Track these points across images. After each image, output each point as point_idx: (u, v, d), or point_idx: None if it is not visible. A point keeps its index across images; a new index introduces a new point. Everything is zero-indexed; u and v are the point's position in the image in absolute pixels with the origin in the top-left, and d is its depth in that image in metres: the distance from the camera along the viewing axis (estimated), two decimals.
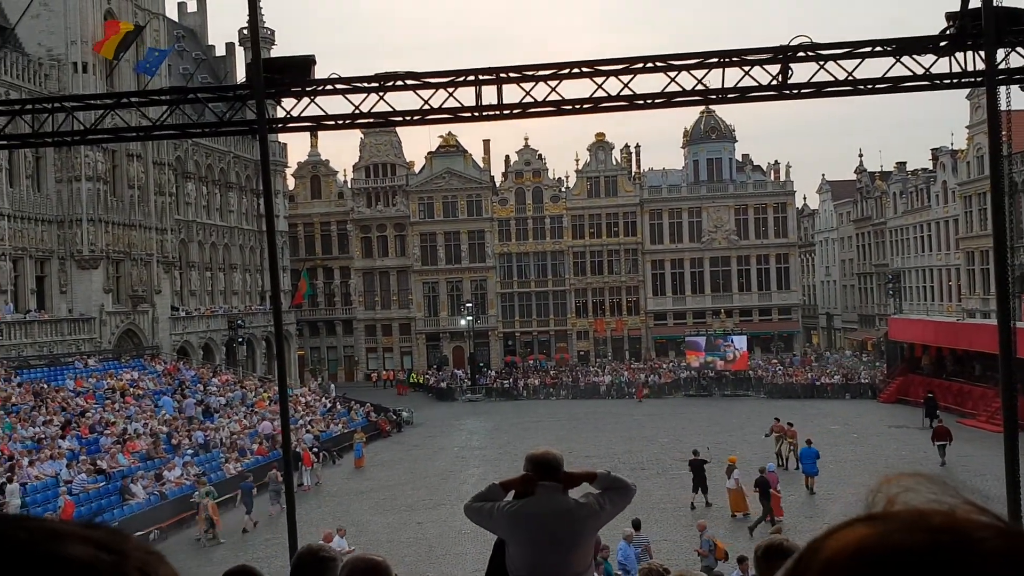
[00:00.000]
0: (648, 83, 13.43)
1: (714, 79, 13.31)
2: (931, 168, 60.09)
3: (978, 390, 40.26)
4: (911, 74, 13.09)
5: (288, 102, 13.04)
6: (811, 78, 13.27)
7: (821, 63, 13.14)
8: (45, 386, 33.72)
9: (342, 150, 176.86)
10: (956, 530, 0.70)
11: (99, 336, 43.41)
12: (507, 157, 70.53)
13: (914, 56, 13.05)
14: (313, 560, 3.73)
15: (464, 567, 20.67)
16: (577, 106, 13.17)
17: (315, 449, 33.95)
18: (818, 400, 49.96)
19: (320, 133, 66.31)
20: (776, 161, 69.03)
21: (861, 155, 70.90)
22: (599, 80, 13.13)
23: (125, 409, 33.77)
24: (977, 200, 50.16)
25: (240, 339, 53.09)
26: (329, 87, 12.41)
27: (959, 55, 12.85)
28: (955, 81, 13.17)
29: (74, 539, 0.62)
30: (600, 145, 68.33)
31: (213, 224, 55.91)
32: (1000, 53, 12.18)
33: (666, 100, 13.33)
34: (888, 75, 13.19)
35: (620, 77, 13.15)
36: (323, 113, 12.82)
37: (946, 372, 45.34)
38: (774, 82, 13.18)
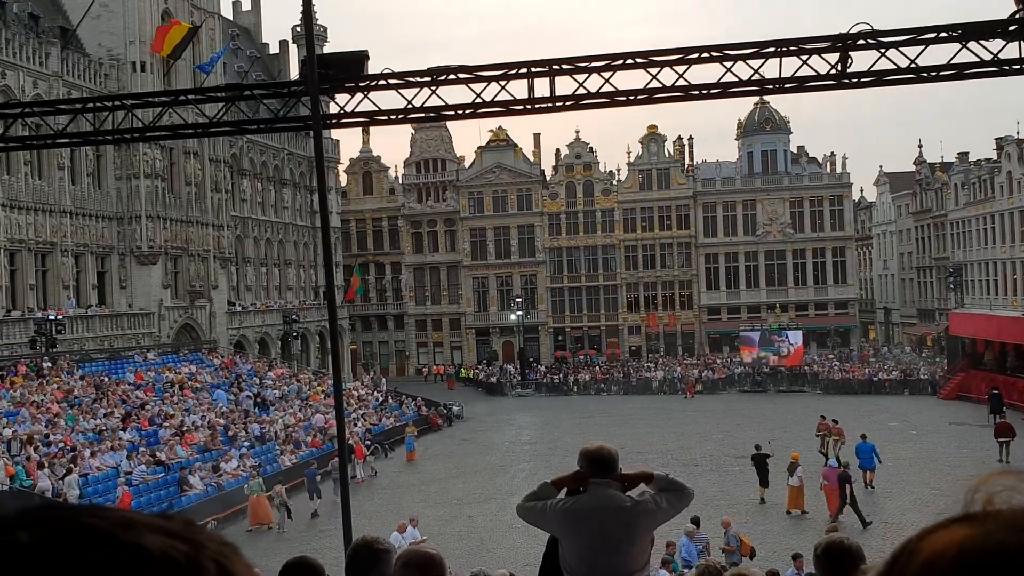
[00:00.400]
0: (703, 73, 13.26)
1: (771, 69, 13.06)
2: (995, 158, 58.35)
3: None
4: (978, 60, 12.67)
5: (341, 98, 13.10)
6: (871, 66, 12.93)
7: (882, 51, 12.79)
8: (106, 379, 34.55)
9: (393, 146, 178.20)
10: None
11: (158, 330, 44.34)
12: (557, 151, 70.36)
13: (981, 42, 12.63)
14: (368, 552, 3.71)
15: (515, 561, 20.63)
16: (631, 97, 13.00)
17: (368, 443, 34.26)
18: (876, 396, 48.96)
19: (372, 129, 66.91)
20: (832, 152, 67.84)
21: (921, 145, 68.91)
22: (653, 71, 12.94)
23: (183, 402, 34.45)
24: None
25: (295, 334, 53.80)
26: (382, 82, 12.43)
27: None
28: None
29: (151, 529, 0.63)
30: (652, 137, 67.70)
31: (268, 220, 56.71)
32: None
33: (722, 91, 13.11)
34: (953, 62, 12.79)
35: (675, 68, 12.95)
36: (376, 108, 12.86)
37: (1009, 368, 44.07)
38: (833, 71, 12.87)
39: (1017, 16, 12.12)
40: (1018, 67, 12.66)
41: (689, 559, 16.16)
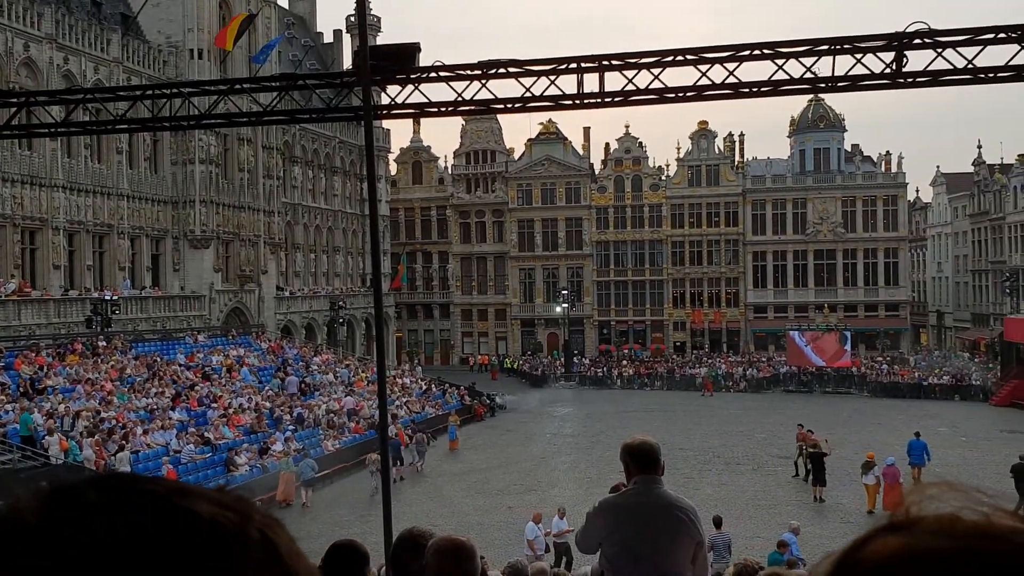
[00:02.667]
0: (754, 71, 13.14)
1: (824, 67, 12.91)
2: None
3: None
4: None
5: (392, 89, 13.26)
6: (927, 66, 12.73)
7: (939, 50, 12.58)
8: (158, 359, 35.36)
9: (443, 136, 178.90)
10: (990, 535, 0.68)
11: (208, 313, 45.23)
12: (606, 145, 70.16)
13: None
14: (413, 545, 3.76)
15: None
16: (680, 94, 12.96)
17: (409, 432, 34.60)
18: (925, 401, 48.10)
19: (422, 120, 67.34)
20: (888, 152, 66.63)
21: (980, 146, 67.68)
22: (703, 68, 12.89)
23: (231, 384, 35.11)
24: None
25: (341, 320, 54.44)
26: (432, 75, 12.57)
27: None
28: None
29: (204, 498, 0.71)
30: (703, 133, 67.13)
31: (318, 207, 57.42)
32: None
33: (772, 88, 13.00)
34: (1012, 63, 12.54)
35: (725, 65, 12.88)
36: (426, 100, 13.00)
37: None
38: (888, 70, 12.70)
39: None
40: None
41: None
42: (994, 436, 36.29)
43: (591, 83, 12.75)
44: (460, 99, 12.66)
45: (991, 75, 12.73)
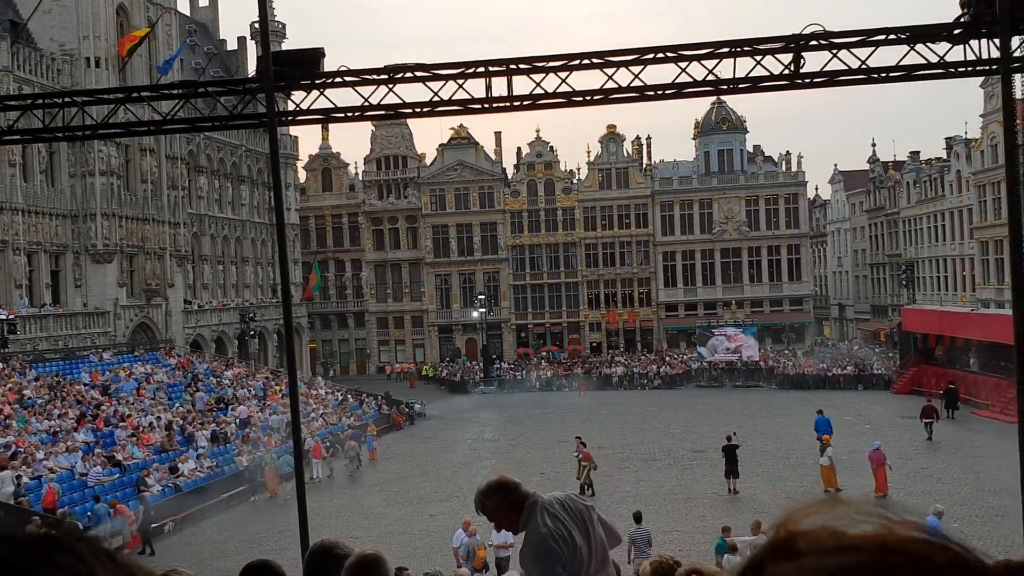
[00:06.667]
0: (659, 74, 13.41)
1: (725, 69, 13.23)
2: (945, 157, 59.62)
3: (991, 380, 40.01)
4: (925, 62, 12.97)
5: (298, 95, 13.04)
6: (824, 67, 13.16)
7: (834, 52, 13.03)
8: (60, 379, 33.95)
9: (353, 143, 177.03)
10: (890, 548, 0.68)
11: (113, 330, 43.67)
12: (519, 149, 70.57)
13: (928, 44, 12.93)
14: (327, 557, 3.69)
15: None
16: (587, 97, 13.11)
17: (328, 442, 34.11)
18: (830, 391, 49.77)
19: (331, 126, 66.50)
20: (788, 151, 68.79)
21: (874, 145, 70.52)
22: (609, 71, 13.06)
23: (140, 402, 33.98)
24: (992, 189, 49.77)
25: (252, 332, 53.28)
26: (338, 79, 12.40)
27: (974, 43, 12.73)
28: (970, 69, 13.05)
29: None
30: (611, 137, 68.16)
31: (225, 217, 56.10)
32: (1015, 41, 12.05)
33: (677, 91, 13.26)
34: (902, 63, 13.08)
35: (631, 68, 13.08)
36: (332, 105, 12.82)
37: (961, 363, 45.08)
38: (786, 71, 13.09)
39: (962, 20, 12.44)
40: (963, 69, 12.99)
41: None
42: (896, 422, 37.80)
43: (499, 87, 12.80)
44: (367, 104, 12.53)
45: (883, 75, 13.25)
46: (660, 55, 12.95)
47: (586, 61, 12.92)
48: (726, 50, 13.00)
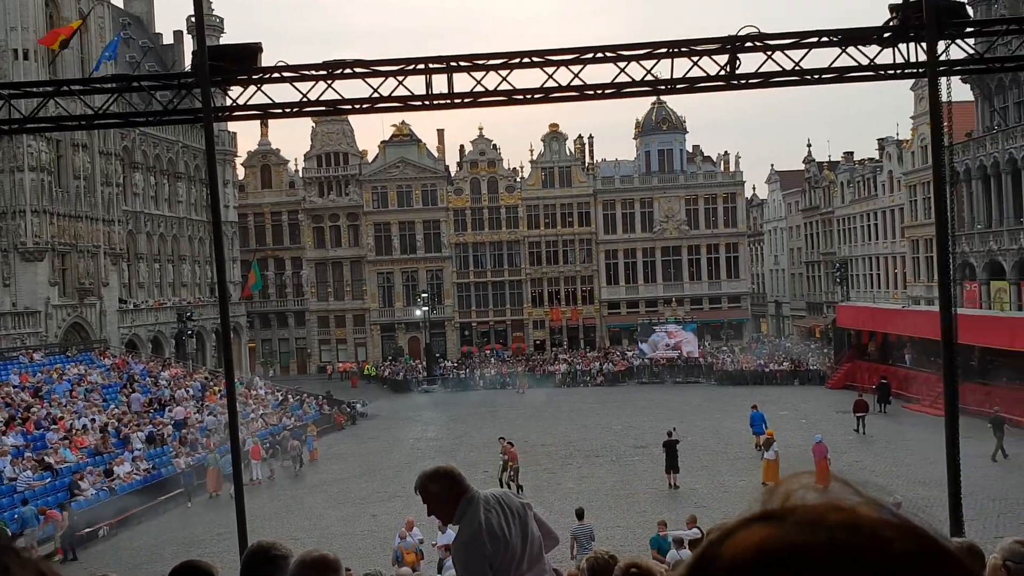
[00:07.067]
0: (599, 73, 13.52)
1: (664, 70, 13.41)
2: (878, 158, 61.18)
3: (922, 375, 41.19)
4: (856, 64, 13.30)
5: (235, 90, 12.84)
6: (759, 68, 13.41)
7: (768, 53, 13.28)
8: None
9: (293, 140, 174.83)
10: (856, 527, 0.69)
11: (45, 330, 42.46)
12: (461, 147, 70.41)
13: (859, 47, 13.26)
14: (264, 558, 3.64)
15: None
16: (528, 96, 13.15)
17: (267, 443, 33.67)
18: (767, 386, 50.70)
19: (271, 122, 65.48)
20: (726, 152, 69.89)
21: (809, 145, 72.08)
22: (550, 70, 13.13)
23: (72, 404, 33.10)
24: (921, 189, 51.20)
25: (189, 332, 52.30)
26: (276, 75, 12.24)
27: (902, 46, 13.10)
28: (898, 72, 13.41)
29: None
30: (554, 136, 68.48)
31: (162, 215, 54.94)
32: (941, 45, 12.43)
33: (616, 91, 13.39)
34: (834, 65, 13.39)
35: (571, 67, 13.16)
36: (270, 101, 12.66)
37: (892, 358, 46.31)
38: (722, 72, 13.30)
39: (891, 24, 12.79)
40: (892, 72, 13.36)
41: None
42: (830, 417, 38.68)
43: (440, 84, 12.78)
44: (306, 100, 12.39)
45: (816, 76, 13.55)
46: (599, 55, 13.06)
47: (526, 60, 12.97)
48: (664, 51, 13.17)
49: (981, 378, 36.26)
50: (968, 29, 13.30)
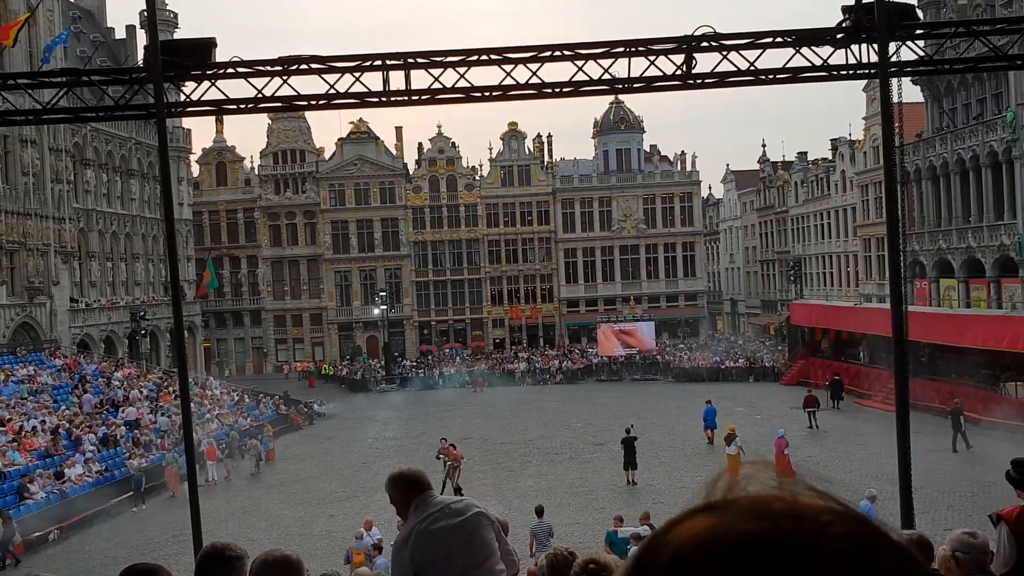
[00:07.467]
0: (557, 72, 13.56)
1: (621, 69, 13.48)
2: (831, 158, 62.12)
3: (874, 372, 41.94)
4: (810, 65, 13.49)
5: (189, 86, 12.64)
6: (714, 68, 13.55)
7: (724, 53, 13.43)
8: None
9: (249, 137, 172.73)
10: (799, 515, 0.70)
11: None
12: (420, 145, 70.05)
13: (813, 47, 13.46)
14: (219, 559, 3.60)
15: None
16: (486, 93, 13.14)
17: (223, 443, 33.25)
18: (723, 383, 51.26)
19: (226, 119, 64.85)
20: (683, 152, 70.48)
21: (764, 145, 72.77)
22: (508, 68, 13.12)
23: (22, 406, 32.37)
24: (873, 189, 52.09)
25: (143, 331, 51.40)
26: (231, 70, 12.07)
27: (855, 47, 13.32)
28: (851, 72, 13.64)
29: None
30: (513, 134, 68.51)
31: (114, 212, 53.90)
32: (892, 47, 12.66)
33: (574, 89, 13.43)
34: (788, 65, 13.57)
35: (529, 65, 13.17)
36: (224, 97, 12.48)
37: (844, 354, 47.10)
38: (679, 72, 13.42)
39: (844, 25, 12.99)
40: (845, 72, 13.58)
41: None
42: (784, 412, 39.21)
43: (397, 81, 12.70)
44: (261, 96, 12.24)
45: (771, 76, 13.73)
46: (557, 53, 13.10)
47: (484, 57, 12.95)
48: (621, 50, 13.24)
49: (931, 374, 37.08)
50: (918, 31, 13.58)
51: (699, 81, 13.45)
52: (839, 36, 13.09)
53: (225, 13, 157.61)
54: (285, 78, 12.26)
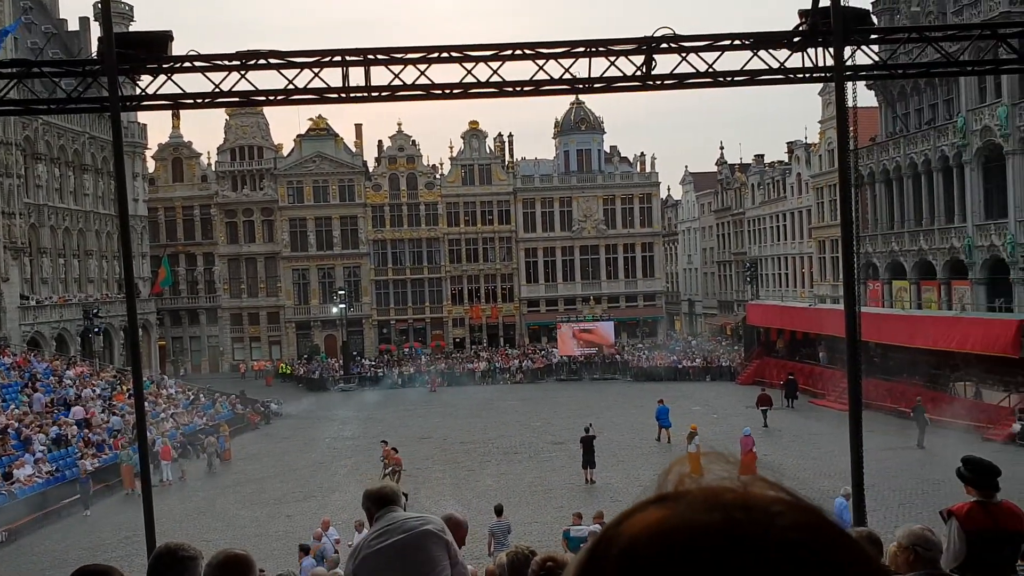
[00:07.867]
0: (518, 70, 13.57)
1: (582, 69, 13.52)
2: (787, 161, 62.99)
3: (828, 372, 42.59)
4: (767, 67, 13.66)
5: (145, 80, 12.43)
6: (673, 69, 13.65)
7: (683, 55, 13.54)
8: None
9: (206, 132, 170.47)
10: (749, 506, 0.70)
11: None
12: (380, 142, 69.66)
13: (770, 50, 13.63)
14: (172, 560, 3.56)
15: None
16: (446, 91, 13.11)
17: (178, 442, 32.79)
18: (680, 382, 51.71)
19: (183, 114, 63.84)
20: (642, 153, 70.98)
21: (722, 147, 73.35)
22: (469, 66, 13.10)
23: None
24: (828, 191, 52.93)
25: (96, 329, 50.45)
26: (187, 64, 11.90)
27: (811, 51, 13.52)
28: (807, 75, 13.84)
29: None
30: (474, 133, 68.42)
31: (67, 208, 52.84)
32: (847, 51, 12.87)
33: (534, 88, 13.45)
34: (746, 68, 13.73)
35: (489, 63, 13.16)
36: (181, 91, 12.29)
37: (799, 354, 47.76)
38: (639, 73, 13.50)
39: (800, 29, 13.17)
40: (802, 75, 13.77)
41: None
42: (740, 411, 39.65)
43: (357, 77, 12.61)
44: (218, 91, 12.08)
45: (729, 79, 13.88)
46: (518, 52, 13.10)
47: (445, 55, 12.91)
48: (581, 50, 13.29)
49: (884, 374, 37.77)
50: (873, 36, 13.81)
51: (659, 82, 13.55)
52: (796, 40, 13.28)
53: (182, 7, 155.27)
54: (243, 73, 12.12)
